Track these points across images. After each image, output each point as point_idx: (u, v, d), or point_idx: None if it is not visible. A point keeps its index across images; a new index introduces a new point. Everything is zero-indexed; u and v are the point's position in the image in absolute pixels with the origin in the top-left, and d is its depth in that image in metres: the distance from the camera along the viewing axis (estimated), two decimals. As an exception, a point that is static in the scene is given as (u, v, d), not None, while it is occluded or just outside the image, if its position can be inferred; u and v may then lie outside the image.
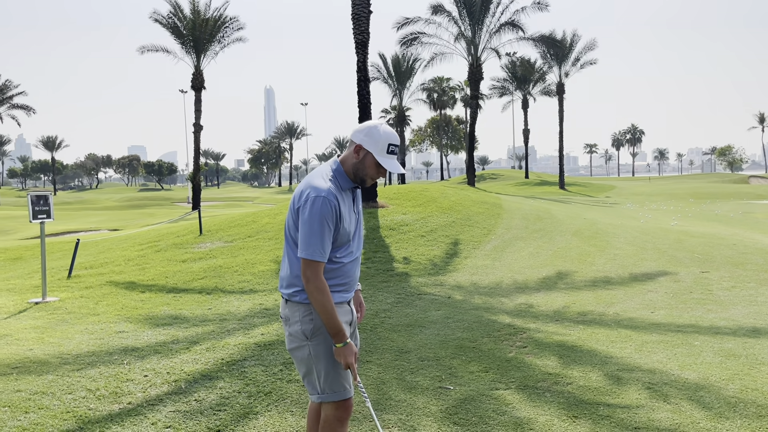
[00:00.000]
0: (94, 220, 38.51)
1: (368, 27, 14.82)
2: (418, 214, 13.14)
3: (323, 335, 2.73)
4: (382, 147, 2.67)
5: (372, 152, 2.68)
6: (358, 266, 2.89)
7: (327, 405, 2.79)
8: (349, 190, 2.78)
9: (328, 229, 2.62)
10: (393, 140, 2.70)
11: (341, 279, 2.77)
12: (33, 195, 7.90)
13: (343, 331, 2.66)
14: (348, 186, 2.75)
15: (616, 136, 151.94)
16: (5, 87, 60.05)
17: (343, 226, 2.69)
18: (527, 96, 58.27)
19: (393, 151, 2.70)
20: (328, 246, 2.64)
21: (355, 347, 2.73)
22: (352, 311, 2.92)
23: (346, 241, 2.75)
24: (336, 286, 2.75)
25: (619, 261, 10.15)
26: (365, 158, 2.70)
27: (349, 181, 2.75)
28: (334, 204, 2.63)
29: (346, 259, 2.77)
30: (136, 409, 4.30)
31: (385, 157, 2.68)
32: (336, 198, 2.64)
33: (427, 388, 4.72)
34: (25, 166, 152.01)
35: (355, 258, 2.85)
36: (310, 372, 2.77)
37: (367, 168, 2.70)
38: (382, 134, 2.68)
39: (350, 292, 2.85)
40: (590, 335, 6.10)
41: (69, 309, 7.46)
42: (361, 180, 2.74)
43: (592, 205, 26.49)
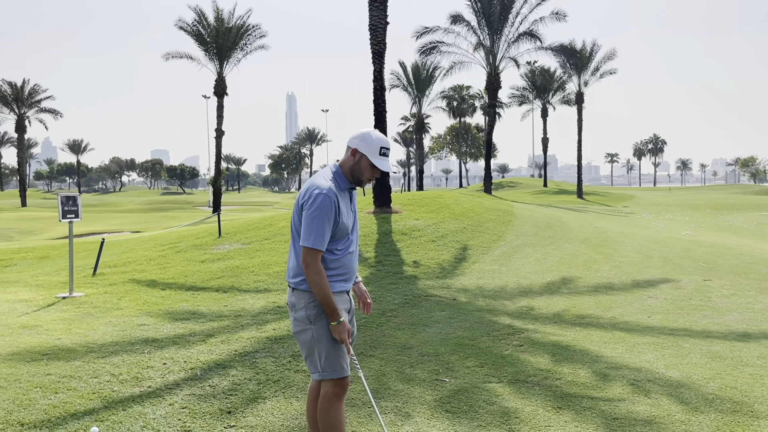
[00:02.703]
0: (117, 222, 39.36)
1: (385, 38, 15.22)
2: (430, 220, 13.47)
3: (325, 320, 3.11)
4: (375, 150, 3.08)
5: (366, 155, 3.09)
6: (356, 259, 3.27)
7: (326, 382, 3.17)
8: (347, 191, 3.18)
9: (328, 222, 3.00)
10: (385, 144, 3.12)
11: (341, 269, 3.15)
12: (63, 196, 8.39)
13: (337, 310, 3.04)
14: (346, 186, 3.16)
15: (638, 146, 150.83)
16: (33, 91, 61.46)
17: (341, 221, 3.07)
18: (546, 105, 58.35)
19: (385, 153, 3.11)
20: (327, 237, 3.03)
21: (348, 325, 3.12)
22: (351, 300, 3.29)
23: (345, 234, 3.14)
24: (336, 276, 3.14)
25: (623, 268, 10.39)
26: (361, 160, 3.11)
27: (347, 181, 3.16)
28: (334, 201, 3.02)
29: (346, 251, 3.16)
30: (155, 392, 4.69)
31: (378, 159, 3.08)
32: (336, 196, 3.04)
33: (424, 380, 5.06)
34: (51, 168, 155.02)
35: (353, 251, 3.23)
36: (312, 353, 3.14)
37: (363, 169, 3.11)
38: (375, 139, 3.10)
39: (349, 282, 3.23)
40: (585, 336, 6.39)
41: (94, 303, 7.91)
42: (358, 180, 3.16)
43: (606, 214, 26.59)
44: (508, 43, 34.51)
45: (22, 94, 60.69)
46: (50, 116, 63.26)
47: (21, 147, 62.66)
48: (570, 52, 37.09)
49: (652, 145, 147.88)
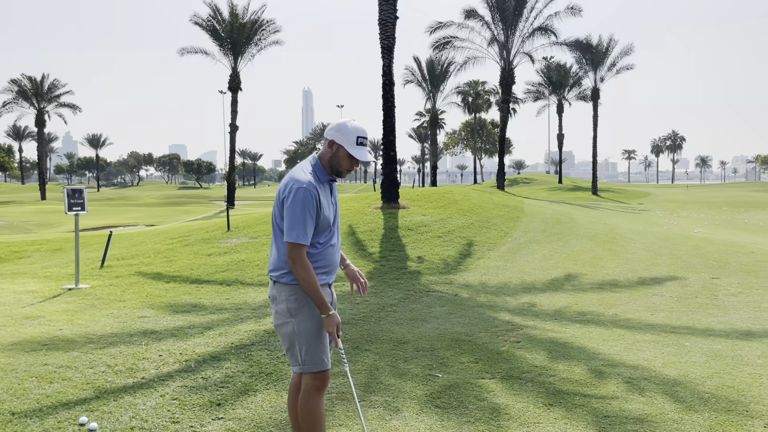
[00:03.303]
0: (134, 215, 39.74)
1: (394, 33, 15.17)
2: (437, 216, 13.43)
3: (305, 313, 3.09)
4: (352, 140, 3.05)
5: (343, 145, 3.06)
6: (338, 252, 3.25)
7: (306, 375, 3.15)
8: (327, 183, 3.16)
9: (310, 216, 2.99)
10: (361, 133, 3.08)
11: (322, 262, 3.13)
12: (69, 188, 8.48)
13: (327, 303, 3.04)
14: (325, 179, 3.13)
15: (656, 143, 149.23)
16: (53, 86, 62.21)
17: (323, 214, 3.06)
18: (562, 101, 57.88)
19: (362, 143, 3.07)
20: (310, 231, 3.01)
21: (338, 318, 3.11)
22: (332, 294, 3.28)
23: (327, 227, 3.12)
24: (318, 269, 3.11)
25: (630, 265, 10.28)
26: (338, 151, 3.08)
27: (326, 174, 3.13)
28: (314, 194, 3.00)
29: (327, 244, 3.14)
30: (148, 383, 4.73)
31: (355, 148, 3.05)
32: (315, 189, 3.02)
33: (417, 375, 5.05)
34: (71, 162, 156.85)
35: (334, 244, 3.21)
36: (292, 346, 3.13)
37: (341, 159, 3.09)
38: (351, 129, 3.07)
39: (331, 275, 3.21)
40: (584, 333, 6.33)
41: (98, 295, 7.99)
42: (337, 172, 3.12)
43: (620, 211, 26.35)
44: (522, 39, 34.28)
45: (41, 89, 61.45)
46: (69, 111, 64.03)
47: (41, 141, 63.48)
48: (585, 48, 36.71)
49: (671, 141, 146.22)
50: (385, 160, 15.19)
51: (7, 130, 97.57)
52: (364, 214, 13.60)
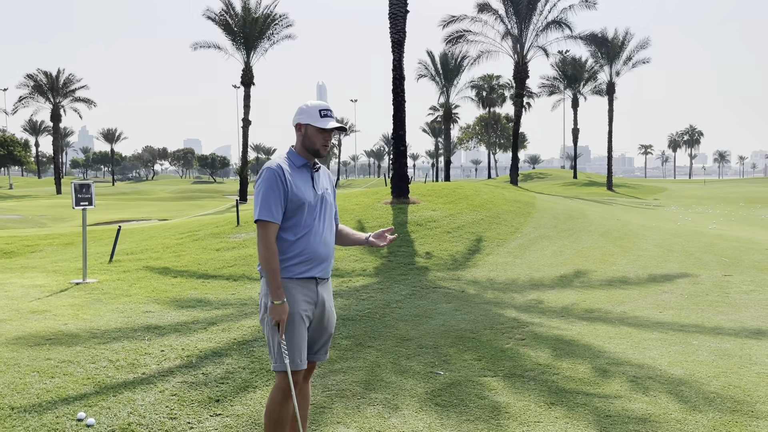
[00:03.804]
0: (147, 210, 40.02)
1: (405, 26, 15.08)
2: (447, 211, 13.36)
3: None
4: (315, 114, 3.06)
5: (309, 123, 3.07)
6: (325, 244, 3.10)
7: (277, 374, 3.11)
8: (306, 168, 3.11)
9: (274, 194, 2.97)
10: (322, 107, 3.09)
11: (302, 254, 3.02)
12: (76, 183, 8.51)
13: (280, 290, 2.95)
14: (301, 163, 3.10)
15: (673, 137, 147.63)
16: (68, 81, 62.67)
17: (293, 192, 2.99)
18: (577, 95, 57.38)
19: (326, 115, 3.07)
20: (276, 209, 2.97)
21: (287, 309, 2.97)
22: (319, 293, 3.12)
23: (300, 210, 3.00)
24: (295, 260, 3.02)
25: (641, 262, 10.16)
26: (307, 130, 3.09)
27: (300, 158, 3.11)
28: (279, 172, 2.99)
29: (308, 232, 3.02)
30: (148, 379, 4.73)
31: (320, 120, 3.05)
32: (282, 169, 3.01)
33: (419, 372, 5.01)
34: (87, 157, 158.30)
35: (320, 233, 3.08)
36: (268, 341, 3.11)
37: (312, 137, 3.08)
38: (312, 106, 3.10)
39: (316, 269, 3.06)
40: (590, 331, 6.25)
41: (105, 290, 8.03)
42: (314, 151, 3.10)
43: (634, 206, 26.09)
44: (536, 32, 33.99)
45: (57, 84, 61.94)
46: (84, 105, 64.52)
47: (56, 136, 64.05)
48: (601, 41, 36.28)
49: (688, 136, 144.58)
50: (396, 155, 15.13)
51: (24, 125, 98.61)
52: (373, 209, 13.57)
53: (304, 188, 3.05)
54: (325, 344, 3.27)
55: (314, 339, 3.20)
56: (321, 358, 3.28)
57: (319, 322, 3.19)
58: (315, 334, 3.20)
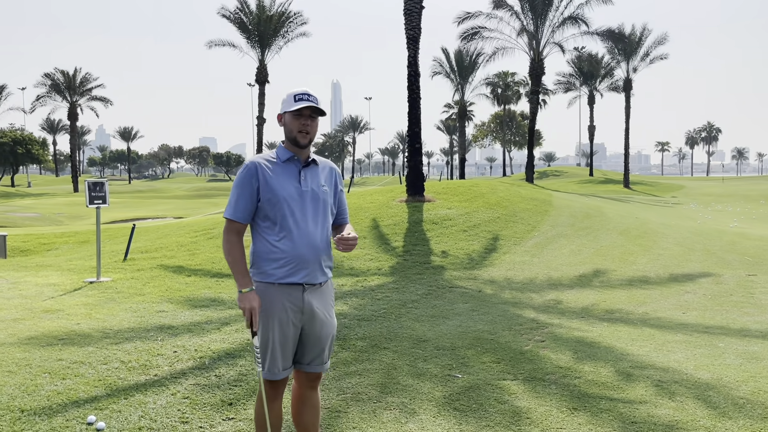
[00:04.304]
0: (163, 208, 40.20)
1: (420, 22, 14.92)
2: (463, 209, 13.20)
3: (263, 313, 2.86)
4: (290, 101, 2.91)
5: (286, 110, 2.92)
6: (311, 247, 2.87)
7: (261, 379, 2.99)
8: (292, 163, 2.94)
9: (243, 192, 2.86)
10: (298, 92, 2.93)
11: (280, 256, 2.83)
12: (90, 182, 8.47)
13: (243, 278, 2.83)
14: (286, 156, 2.95)
15: (691, 134, 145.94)
16: (85, 80, 63.14)
17: (268, 188, 2.84)
18: (593, 92, 56.80)
19: (301, 98, 2.90)
20: (241, 207, 2.86)
21: (254, 300, 2.80)
22: (303, 300, 2.89)
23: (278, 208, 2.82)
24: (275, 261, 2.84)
25: (662, 261, 9.95)
26: (285, 118, 2.95)
27: (286, 152, 2.96)
28: (253, 169, 2.87)
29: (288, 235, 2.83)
30: (160, 381, 4.64)
31: (295, 104, 2.89)
32: (259, 165, 2.88)
33: (436, 375, 4.88)
34: (104, 155, 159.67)
35: (303, 236, 2.85)
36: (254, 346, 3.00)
37: (288, 124, 2.93)
38: (288, 94, 2.96)
39: (297, 273, 2.85)
40: (612, 332, 6.09)
41: (119, 289, 7.98)
42: (293, 140, 2.93)
43: (652, 204, 25.73)
44: (552, 28, 33.63)
45: (74, 83, 62.44)
46: (100, 104, 64.97)
47: (73, 134, 64.59)
48: (618, 37, 35.79)
49: (706, 133, 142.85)
50: (411, 152, 14.99)
51: (42, 124, 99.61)
52: (388, 207, 13.44)
53: (284, 183, 2.88)
54: (319, 355, 3.01)
55: (305, 349, 2.99)
56: (317, 370, 3.02)
57: (309, 332, 2.96)
58: (306, 344, 2.98)
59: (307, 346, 2.99)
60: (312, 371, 3.04)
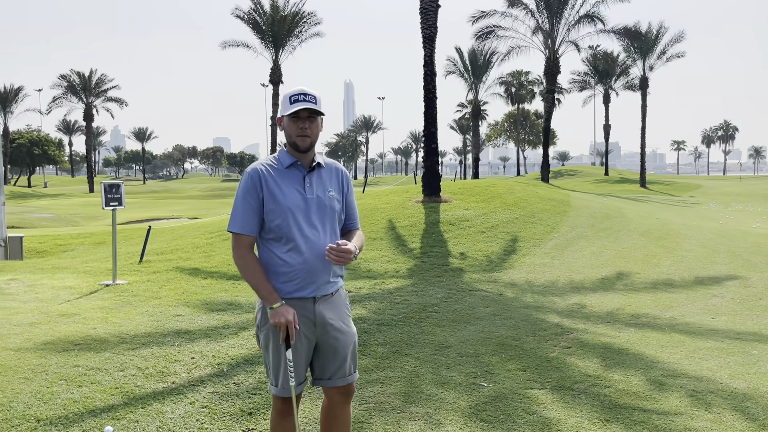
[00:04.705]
0: (177, 208, 40.31)
1: (436, 21, 14.76)
2: (480, 210, 13.02)
3: (267, 327, 2.74)
4: (286, 103, 2.73)
5: (283, 114, 2.75)
6: (322, 258, 2.71)
7: (273, 396, 2.86)
8: (296, 168, 2.77)
9: (247, 202, 2.69)
10: (294, 92, 2.73)
11: (287, 270, 2.70)
12: (105, 183, 8.40)
13: (270, 294, 2.66)
14: (288, 162, 2.77)
15: (707, 133, 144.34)
16: (100, 81, 63.59)
17: (271, 199, 2.68)
18: (609, 90, 56.28)
19: (297, 100, 2.70)
20: (248, 219, 2.69)
21: (288, 312, 2.63)
22: (315, 312, 2.75)
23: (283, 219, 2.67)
24: (281, 275, 2.71)
25: (686, 263, 9.72)
26: (283, 122, 2.77)
27: (288, 156, 2.78)
28: (255, 177, 2.70)
29: (295, 248, 2.68)
30: (178, 389, 4.53)
31: (290, 107, 2.70)
32: (261, 172, 2.71)
33: (461, 383, 4.73)
34: (119, 156, 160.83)
35: (312, 248, 2.70)
36: (265, 361, 2.86)
37: (287, 128, 2.76)
38: (284, 96, 2.77)
39: (307, 290, 2.73)
40: (640, 338, 5.90)
41: (135, 292, 7.90)
42: (293, 144, 2.75)
43: (670, 204, 25.37)
44: (568, 27, 33.30)
45: (89, 84, 62.89)
46: (116, 105, 65.44)
47: (89, 135, 65.05)
48: (634, 35, 35.38)
49: (723, 131, 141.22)
50: (427, 152, 14.84)
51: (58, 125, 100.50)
52: (404, 208, 13.30)
53: (287, 192, 2.71)
54: (340, 368, 2.83)
55: (324, 364, 2.83)
56: (340, 383, 2.85)
57: (324, 345, 2.81)
58: (324, 358, 2.82)
59: (326, 360, 2.84)
60: (335, 385, 2.87)
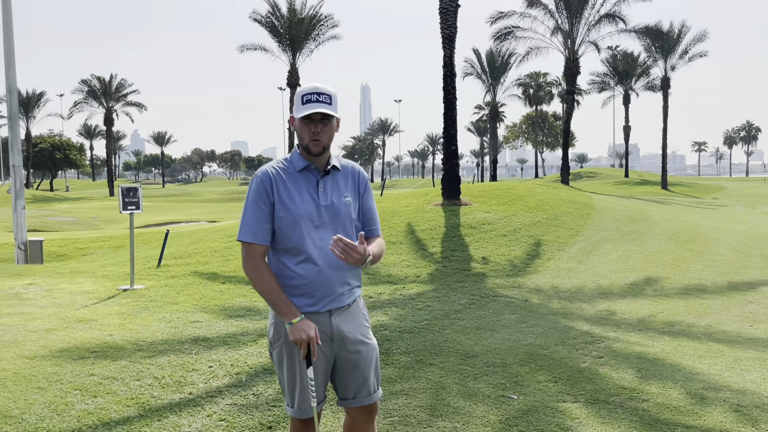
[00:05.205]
0: (196, 211, 40.45)
1: (456, 21, 14.55)
2: (501, 213, 12.78)
3: (281, 344, 2.55)
4: (298, 104, 2.53)
5: (295, 115, 2.55)
6: (336, 269, 2.52)
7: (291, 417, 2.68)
8: (309, 172, 2.58)
9: (258, 208, 2.50)
10: (307, 90, 2.53)
11: (299, 283, 2.52)
12: (123, 187, 8.30)
13: (288, 308, 2.45)
14: (301, 165, 2.57)
15: (729, 134, 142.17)
16: (120, 86, 64.16)
17: (282, 206, 2.50)
18: (629, 91, 55.59)
19: (309, 100, 2.49)
20: (260, 227, 2.49)
21: (309, 326, 2.44)
22: (332, 325, 2.56)
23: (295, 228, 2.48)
24: (292, 288, 2.52)
25: (717, 268, 9.40)
26: (295, 123, 2.57)
27: (301, 159, 2.59)
28: (267, 181, 2.51)
29: (302, 260, 2.49)
30: (195, 400, 4.37)
31: (302, 109, 2.50)
32: (272, 176, 2.53)
33: (489, 396, 4.51)
34: (138, 159, 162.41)
35: (326, 259, 2.51)
36: (280, 380, 2.66)
37: (299, 130, 2.56)
38: (297, 94, 2.56)
39: (322, 303, 2.53)
40: (676, 348, 5.64)
41: (152, 297, 7.78)
42: (305, 147, 2.55)
43: (695, 206, 24.87)
44: (588, 27, 32.88)
45: (109, 89, 63.47)
46: (135, 109, 65.96)
47: (109, 139, 65.66)
48: (656, 34, 34.80)
49: (745, 132, 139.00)
50: (446, 154, 14.62)
51: (79, 129, 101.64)
52: (423, 212, 13.09)
53: (299, 199, 2.52)
54: (363, 386, 2.63)
55: (346, 381, 2.63)
56: (364, 402, 2.65)
57: (344, 360, 2.61)
58: (345, 375, 2.62)
59: (347, 378, 2.63)
60: (359, 405, 2.65)
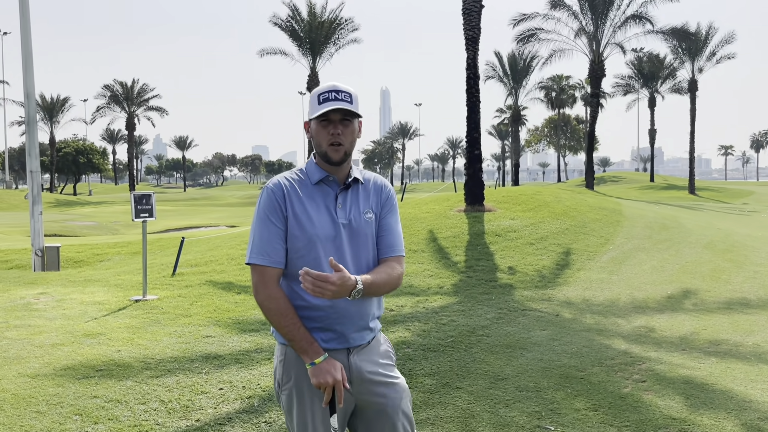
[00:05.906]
0: (216, 216, 40.41)
1: (479, 22, 14.14)
2: (527, 220, 12.32)
3: (291, 386, 2.20)
4: (314, 104, 2.19)
5: (311, 117, 2.21)
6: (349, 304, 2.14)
7: None
8: (327, 185, 2.23)
9: (271, 225, 2.14)
10: (323, 89, 2.19)
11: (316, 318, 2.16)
12: (136, 194, 8.03)
13: (310, 345, 2.10)
14: (318, 177, 2.22)
15: (756, 137, 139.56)
16: (142, 90, 64.61)
17: (294, 223, 2.14)
18: (654, 94, 54.56)
19: (327, 98, 2.17)
20: (272, 246, 2.13)
21: (334, 367, 2.10)
22: (350, 364, 2.21)
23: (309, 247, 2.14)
24: (305, 321, 2.15)
25: (760, 280, 8.87)
26: (311, 127, 2.23)
27: (318, 170, 2.24)
28: (279, 194, 2.16)
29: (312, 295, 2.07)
30: (203, 428, 4.03)
31: (318, 108, 2.17)
32: (284, 187, 2.18)
33: (523, 426, 4.11)
34: (160, 164, 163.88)
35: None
36: (288, 428, 2.28)
37: (316, 135, 2.21)
38: (312, 94, 2.21)
39: (339, 340, 2.19)
40: (724, 371, 5.18)
41: (164, 309, 7.47)
42: (323, 155, 2.20)
43: (726, 212, 24.12)
44: (613, 28, 32.22)
45: (131, 93, 63.96)
46: (157, 114, 66.41)
47: (131, 143, 66.12)
48: (683, 36, 33.98)
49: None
50: (469, 158, 14.20)
51: (102, 134, 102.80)
52: (446, 218, 12.68)
53: (315, 216, 2.17)
54: None
55: (369, 429, 2.25)
56: None
57: (367, 406, 2.25)
58: (370, 423, 2.25)
59: (374, 425, 2.25)
60: None
